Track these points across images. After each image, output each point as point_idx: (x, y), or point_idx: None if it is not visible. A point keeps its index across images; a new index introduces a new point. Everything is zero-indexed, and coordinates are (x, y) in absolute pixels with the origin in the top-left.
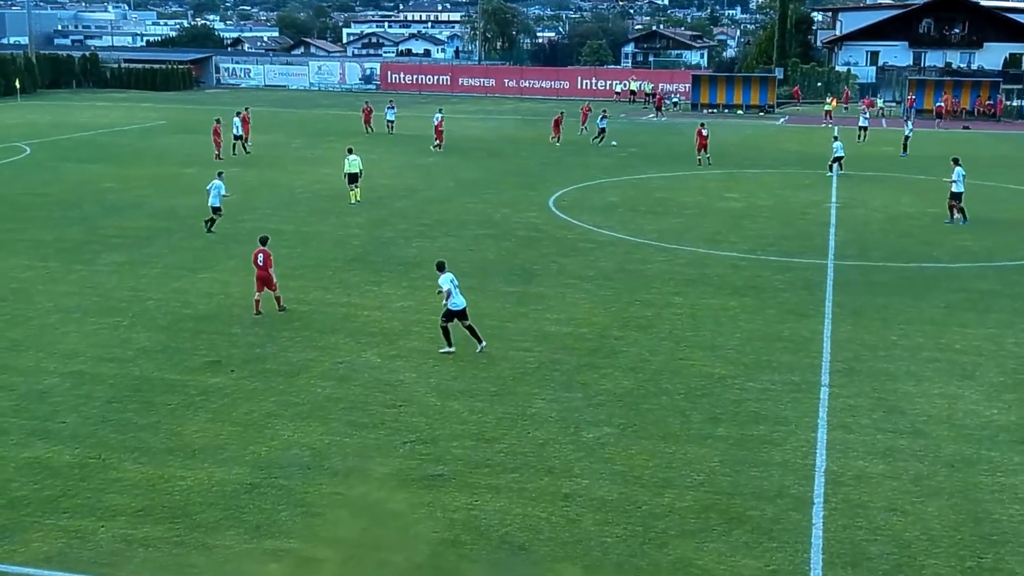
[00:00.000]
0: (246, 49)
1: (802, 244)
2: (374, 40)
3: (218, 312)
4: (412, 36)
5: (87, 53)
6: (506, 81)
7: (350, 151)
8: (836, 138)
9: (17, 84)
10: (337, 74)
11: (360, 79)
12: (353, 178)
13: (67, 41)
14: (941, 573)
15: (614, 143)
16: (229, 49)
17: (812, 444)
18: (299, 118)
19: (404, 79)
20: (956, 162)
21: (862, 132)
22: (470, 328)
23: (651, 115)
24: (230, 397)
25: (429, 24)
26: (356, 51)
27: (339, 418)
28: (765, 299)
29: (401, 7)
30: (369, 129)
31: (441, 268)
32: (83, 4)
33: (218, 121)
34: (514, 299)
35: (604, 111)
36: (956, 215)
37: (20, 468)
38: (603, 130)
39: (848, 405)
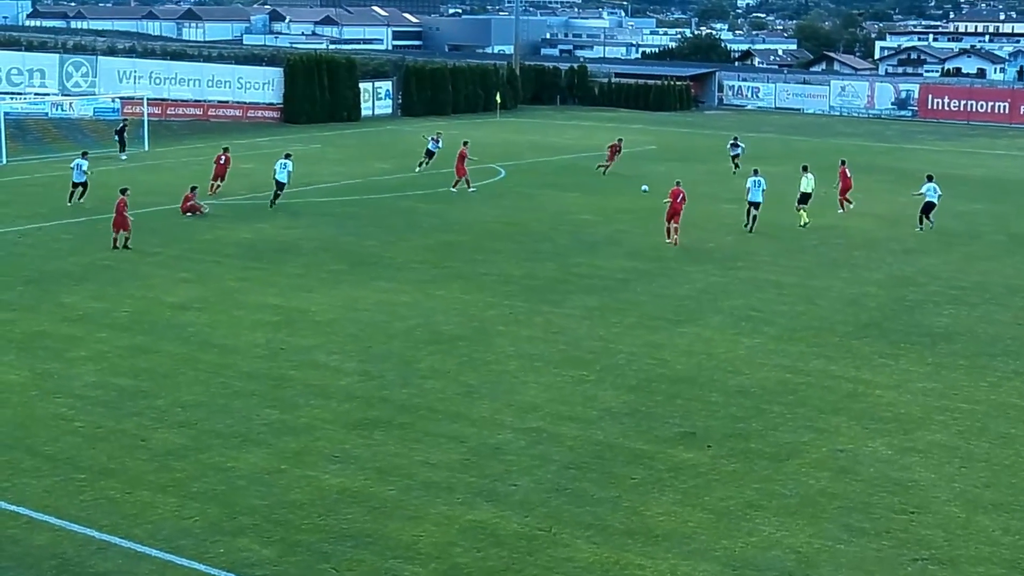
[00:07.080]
0: (756, 64)
1: None
2: (913, 56)
3: (697, 375)
4: (963, 52)
5: (575, 65)
6: None
7: (805, 168)
8: None
9: (498, 99)
10: (864, 96)
11: (893, 103)
12: (804, 198)
13: (555, 51)
14: None
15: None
16: (736, 64)
17: None
18: (811, 147)
19: (948, 105)
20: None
21: None
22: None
23: None
24: (704, 477)
25: (986, 37)
26: (890, 68)
27: (833, 519)
28: None
29: (952, 15)
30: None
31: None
32: (576, 10)
33: (619, 140)
34: None
35: None
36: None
37: (464, 531)
38: None
39: None
